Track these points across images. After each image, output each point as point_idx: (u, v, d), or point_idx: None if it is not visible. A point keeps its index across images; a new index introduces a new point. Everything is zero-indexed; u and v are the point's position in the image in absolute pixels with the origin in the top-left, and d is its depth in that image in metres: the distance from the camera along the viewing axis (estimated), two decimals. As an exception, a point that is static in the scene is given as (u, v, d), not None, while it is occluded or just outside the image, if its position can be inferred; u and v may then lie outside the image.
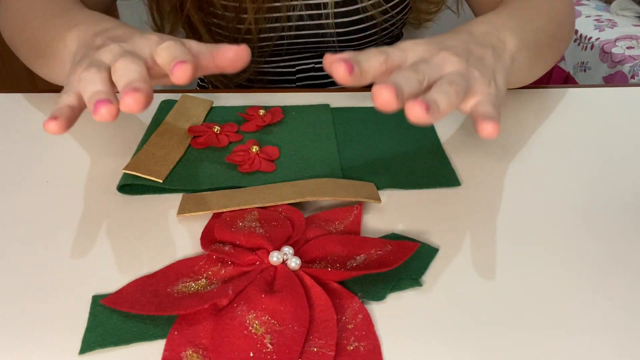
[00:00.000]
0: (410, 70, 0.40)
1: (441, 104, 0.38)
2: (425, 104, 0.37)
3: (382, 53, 0.42)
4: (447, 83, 0.40)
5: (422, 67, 0.41)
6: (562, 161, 0.55)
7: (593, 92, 0.68)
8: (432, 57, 0.43)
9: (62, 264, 0.43)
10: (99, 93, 0.40)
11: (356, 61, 0.39)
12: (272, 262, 0.41)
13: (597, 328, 0.38)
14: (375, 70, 0.41)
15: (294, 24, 0.75)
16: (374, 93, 0.37)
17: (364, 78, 0.40)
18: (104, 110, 0.39)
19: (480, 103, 0.42)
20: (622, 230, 0.46)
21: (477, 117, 0.40)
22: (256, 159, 0.52)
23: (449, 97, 0.39)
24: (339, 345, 0.36)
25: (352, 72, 0.39)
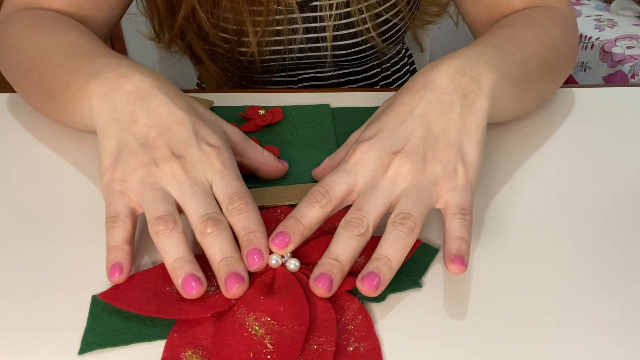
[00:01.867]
0: (351, 225, 0.40)
1: (393, 258, 0.38)
2: (374, 280, 0.37)
3: (324, 195, 0.42)
4: (399, 223, 0.40)
5: (367, 209, 0.41)
6: (562, 161, 0.54)
7: (593, 92, 0.68)
8: (383, 172, 0.42)
9: (61, 264, 0.43)
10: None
11: (292, 230, 0.40)
12: (271, 264, 0.40)
13: (598, 328, 0.38)
14: (317, 220, 0.41)
15: (295, 46, 0.75)
16: (310, 286, 0.39)
17: (309, 233, 0.41)
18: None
19: (450, 218, 0.41)
20: (622, 230, 0.46)
21: (445, 252, 0.40)
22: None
23: (400, 244, 0.39)
24: (338, 345, 0.36)
25: (288, 244, 0.40)
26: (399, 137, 0.43)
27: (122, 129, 0.44)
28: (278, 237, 0.40)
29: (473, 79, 0.46)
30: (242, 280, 0.38)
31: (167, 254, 0.39)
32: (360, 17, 0.72)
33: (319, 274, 0.38)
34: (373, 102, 0.64)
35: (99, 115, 0.46)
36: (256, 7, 0.69)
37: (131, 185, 0.42)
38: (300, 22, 0.72)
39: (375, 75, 0.85)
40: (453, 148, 0.43)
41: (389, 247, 0.39)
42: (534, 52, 0.55)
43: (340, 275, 0.39)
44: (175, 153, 0.43)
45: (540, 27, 0.58)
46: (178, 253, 0.39)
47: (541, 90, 0.58)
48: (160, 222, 0.40)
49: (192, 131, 0.44)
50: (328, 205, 0.41)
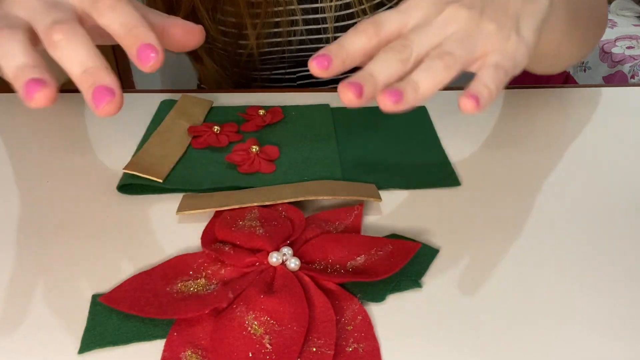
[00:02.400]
0: (394, 49, 0.37)
1: (422, 86, 0.36)
2: (394, 96, 0.35)
3: (373, 25, 0.39)
4: (438, 56, 0.37)
5: (412, 39, 0.38)
6: (562, 161, 0.55)
7: (593, 92, 0.68)
8: (437, 14, 0.39)
9: (61, 263, 0.43)
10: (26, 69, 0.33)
11: (335, 54, 0.38)
12: (271, 262, 0.41)
13: (598, 328, 0.38)
14: (361, 51, 0.38)
15: (295, 38, 0.75)
16: (339, 90, 0.36)
17: (350, 64, 0.38)
18: (40, 95, 0.33)
19: (484, 68, 0.38)
20: (622, 230, 0.46)
21: (464, 92, 0.37)
22: (256, 159, 0.52)
23: (434, 75, 0.37)
24: (338, 346, 0.36)
25: (328, 67, 0.37)
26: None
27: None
28: (318, 57, 0.37)
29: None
30: (113, 93, 0.33)
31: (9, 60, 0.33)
32: (360, 7, 0.72)
33: (351, 81, 0.36)
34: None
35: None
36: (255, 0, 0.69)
37: None
38: (299, 14, 0.72)
39: None
40: (511, 18, 0.41)
41: (421, 74, 0.37)
42: (584, 2, 0.55)
43: (372, 90, 0.36)
44: None
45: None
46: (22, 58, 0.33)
47: (584, 36, 0.57)
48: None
49: None
50: (375, 36, 0.38)
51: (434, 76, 0.37)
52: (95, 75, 0.33)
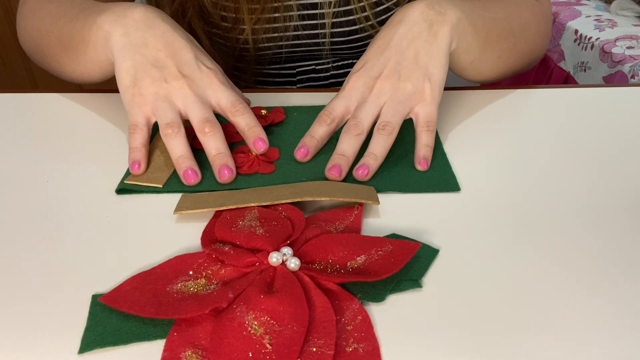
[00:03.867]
0: (350, 130, 0.53)
1: (378, 153, 0.52)
2: (364, 170, 0.51)
3: (327, 115, 0.55)
4: (381, 128, 0.53)
5: (360, 117, 0.54)
6: (562, 161, 0.55)
7: (593, 92, 0.68)
8: (369, 92, 0.55)
9: (61, 263, 0.43)
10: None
11: (309, 144, 0.55)
12: (271, 262, 0.41)
13: (597, 328, 0.38)
14: (325, 134, 0.55)
15: (291, 33, 0.75)
16: (326, 174, 0.51)
17: (322, 144, 0.56)
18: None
19: (418, 130, 0.55)
20: (623, 231, 0.46)
21: (415, 157, 0.54)
22: (255, 161, 0.52)
23: (382, 143, 0.52)
24: (337, 346, 0.36)
25: (307, 155, 0.54)
26: (379, 65, 0.56)
27: (136, 51, 0.54)
28: (300, 149, 0.54)
29: (439, 13, 0.56)
30: (232, 171, 0.51)
31: (174, 152, 0.51)
32: (358, 5, 0.73)
33: (331, 166, 0.51)
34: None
35: (113, 40, 0.54)
36: None
37: (147, 98, 0.53)
38: (295, 10, 0.73)
39: None
40: (421, 69, 0.55)
41: (375, 146, 0.52)
42: (501, 18, 0.63)
43: (347, 165, 0.52)
44: (182, 73, 0.54)
45: (514, 6, 0.66)
46: (181, 151, 0.51)
47: (503, 53, 0.64)
48: (168, 126, 0.51)
49: (194, 55, 0.55)
50: (332, 123, 0.55)
51: (383, 144, 0.52)
52: (223, 158, 0.52)
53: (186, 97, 0.53)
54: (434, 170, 0.53)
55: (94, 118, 0.62)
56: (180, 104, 0.53)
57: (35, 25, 0.65)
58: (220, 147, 0.52)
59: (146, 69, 0.53)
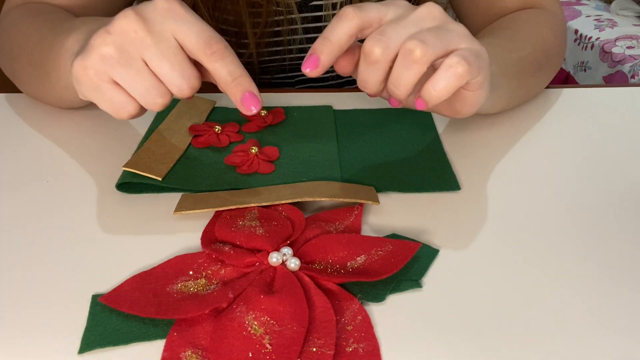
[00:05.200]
0: (370, 59, 0.42)
1: (403, 80, 0.41)
2: (394, 103, 0.44)
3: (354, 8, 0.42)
4: (410, 49, 0.40)
5: (388, 31, 0.41)
6: (562, 161, 0.55)
7: (593, 92, 0.68)
8: (414, 10, 0.43)
9: (61, 263, 0.43)
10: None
11: (320, 49, 0.42)
12: (271, 262, 0.41)
13: (597, 328, 0.38)
14: (345, 36, 0.42)
15: (296, 47, 0.75)
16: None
17: (339, 51, 0.43)
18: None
19: (450, 57, 0.42)
20: (623, 231, 0.46)
21: (422, 88, 0.42)
22: (255, 160, 0.52)
23: (410, 70, 0.41)
24: (337, 346, 0.36)
25: (317, 64, 0.42)
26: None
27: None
28: (307, 61, 0.42)
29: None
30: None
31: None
32: None
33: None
34: (376, 104, 0.64)
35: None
36: (256, 8, 0.69)
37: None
38: (299, 23, 0.72)
39: None
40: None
41: (397, 77, 0.42)
42: (529, 54, 0.58)
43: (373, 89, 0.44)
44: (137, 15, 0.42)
45: (536, 31, 0.62)
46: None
47: (530, 88, 0.62)
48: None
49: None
50: (356, 18, 0.42)
51: (409, 73, 0.41)
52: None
53: (143, 42, 0.41)
54: (433, 170, 0.53)
55: (95, 117, 0.62)
56: (138, 53, 0.41)
57: (8, 46, 0.60)
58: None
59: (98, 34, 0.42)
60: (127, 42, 0.40)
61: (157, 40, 0.40)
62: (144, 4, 0.42)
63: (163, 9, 0.41)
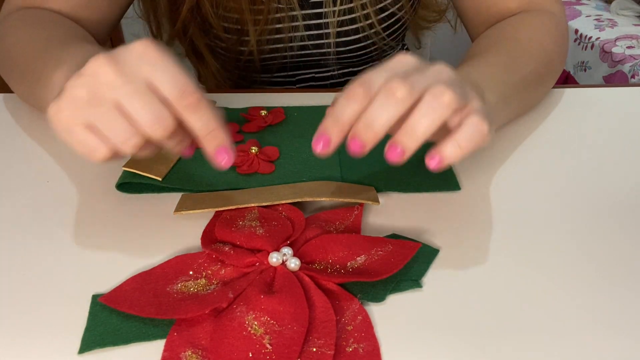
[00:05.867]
0: (391, 91, 0.38)
1: (421, 129, 0.38)
2: (396, 153, 0.38)
3: (362, 88, 0.39)
4: (437, 94, 0.38)
5: (412, 76, 0.39)
6: (562, 161, 0.54)
7: (593, 92, 0.68)
8: (427, 68, 0.41)
9: (61, 263, 0.43)
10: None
11: (332, 130, 0.40)
12: (271, 262, 0.41)
13: (597, 328, 0.38)
14: (355, 116, 0.40)
15: (297, 44, 0.75)
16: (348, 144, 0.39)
17: (348, 130, 0.40)
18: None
19: (469, 116, 0.40)
20: (623, 231, 0.46)
21: (435, 147, 0.40)
22: (255, 160, 0.52)
23: (435, 113, 0.38)
24: (337, 346, 0.36)
25: (329, 145, 0.40)
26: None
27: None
28: (319, 139, 0.40)
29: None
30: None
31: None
32: (362, 12, 0.73)
33: (353, 136, 0.39)
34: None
35: None
36: (257, 5, 0.69)
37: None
38: (300, 20, 0.72)
39: None
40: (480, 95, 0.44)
41: (419, 119, 0.38)
42: (531, 71, 0.58)
43: (373, 140, 0.39)
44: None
45: (538, 41, 0.61)
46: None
47: (532, 100, 0.62)
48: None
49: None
50: (367, 98, 0.39)
51: (432, 116, 0.38)
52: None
53: (114, 85, 0.38)
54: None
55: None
56: (111, 96, 0.39)
57: (3, 55, 0.60)
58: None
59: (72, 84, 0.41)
60: (97, 83, 0.39)
61: (127, 81, 0.38)
62: (121, 47, 0.41)
63: (138, 52, 0.39)
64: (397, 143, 0.39)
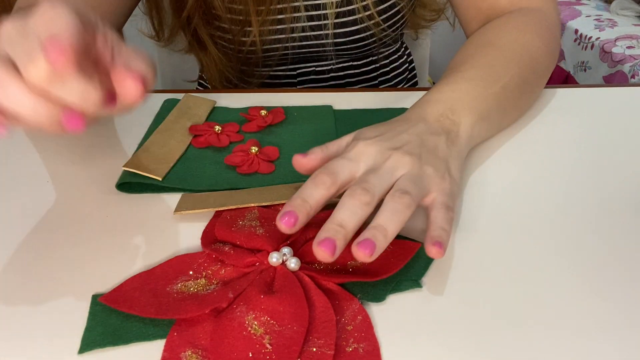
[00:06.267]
0: (356, 195, 0.40)
1: (390, 229, 0.39)
2: (368, 249, 0.38)
3: (329, 176, 0.42)
4: (399, 196, 0.40)
5: (372, 182, 0.41)
6: (562, 161, 0.54)
7: (593, 92, 0.68)
8: (384, 161, 0.44)
9: (61, 263, 0.43)
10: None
11: (299, 209, 0.40)
12: (271, 262, 0.41)
13: (598, 329, 0.38)
14: (322, 201, 0.42)
15: (298, 34, 0.75)
16: (314, 249, 0.38)
17: (314, 213, 0.42)
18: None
19: (435, 211, 0.42)
20: (624, 230, 0.46)
21: (427, 238, 0.40)
22: (255, 160, 0.52)
23: (398, 216, 0.39)
24: (337, 346, 0.36)
25: (295, 224, 0.40)
26: (397, 140, 0.46)
27: None
28: (285, 216, 0.40)
29: (454, 123, 0.50)
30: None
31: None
32: (362, 4, 0.73)
33: (323, 238, 0.38)
34: (375, 103, 0.64)
35: None
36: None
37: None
38: (303, 10, 0.73)
39: (374, 70, 0.86)
40: (442, 161, 0.46)
41: (386, 219, 0.39)
42: (513, 75, 0.57)
43: (344, 241, 0.39)
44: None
45: (523, 44, 0.60)
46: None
47: (520, 107, 0.61)
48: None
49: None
50: (333, 186, 0.42)
51: (398, 217, 0.39)
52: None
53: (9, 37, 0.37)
54: None
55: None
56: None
57: None
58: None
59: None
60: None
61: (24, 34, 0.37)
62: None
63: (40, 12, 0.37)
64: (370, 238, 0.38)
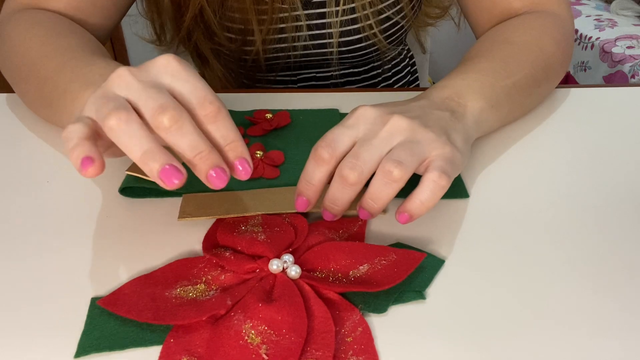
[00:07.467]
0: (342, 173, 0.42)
1: (381, 200, 0.42)
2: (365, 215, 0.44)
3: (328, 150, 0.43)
4: (387, 170, 0.42)
5: (361, 159, 0.42)
6: (562, 161, 0.54)
7: (593, 92, 0.67)
8: (383, 125, 0.44)
9: (61, 265, 0.43)
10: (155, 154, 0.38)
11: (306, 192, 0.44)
12: (271, 270, 0.40)
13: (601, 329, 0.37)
14: (325, 177, 0.44)
15: (300, 43, 0.75)
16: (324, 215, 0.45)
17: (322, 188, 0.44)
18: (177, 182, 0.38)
19: (429, 172, 0.43)
20: (622, 230, 0.46)
21: (403, 202, 0.43)
22: (260, 165, 0.52)
23: (388, 189, 0.42)
24: (336, 358, 0.35)
25: (307, 206, 0.45)
26: (399, 109, 0.47)
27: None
28: (298, 202, 0.44)
29: (459, 104, 0.50)
30: (225, 172, 0.39)
31: (132, 148, 0.37)
32: (363, 12, 0.73)
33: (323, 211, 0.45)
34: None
35: None
36: (262, 6, 0.69)
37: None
38: (303, 20, 0.72)
39: (376, 76, 0.86)
40: (444, 130, 0.46)
41: (375, 192, 0.43)
42: (526, 74, 0.57)
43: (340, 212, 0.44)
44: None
45: (537, 44, 0.60)
46: (143, 145, 0.37)
47: (527, 106, 0.60)
48: (111, 116, 0.37)
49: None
50: (332, 159, 0.44)
51: (387, 192, 0.42)
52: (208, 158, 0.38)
53: (130, 85, 0.38)
54: None
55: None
56: (124, 93, 0.39)
57: (14, 60, 0.57)
58: (198, 143, 0.38)
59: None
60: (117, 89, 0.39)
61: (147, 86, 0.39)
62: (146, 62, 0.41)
63: (160, 65, 0.40)
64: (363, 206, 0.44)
